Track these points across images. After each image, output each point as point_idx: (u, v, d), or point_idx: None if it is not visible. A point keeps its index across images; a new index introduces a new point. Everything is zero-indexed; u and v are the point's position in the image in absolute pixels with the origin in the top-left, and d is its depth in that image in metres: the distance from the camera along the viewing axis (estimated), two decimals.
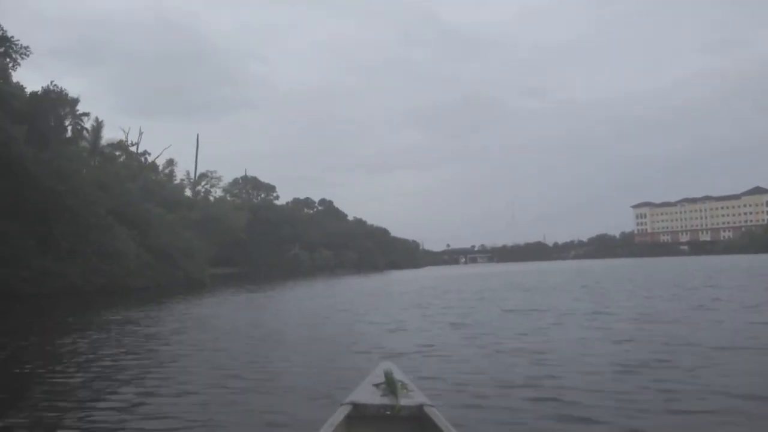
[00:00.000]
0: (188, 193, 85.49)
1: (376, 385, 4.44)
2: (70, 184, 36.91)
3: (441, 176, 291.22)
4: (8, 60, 43.87)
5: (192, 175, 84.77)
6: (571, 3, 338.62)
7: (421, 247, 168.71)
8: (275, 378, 8.56)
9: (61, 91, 48.78)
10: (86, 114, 56.86)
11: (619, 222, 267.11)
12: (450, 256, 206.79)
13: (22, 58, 44.70)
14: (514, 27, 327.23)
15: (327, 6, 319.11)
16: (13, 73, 44.67)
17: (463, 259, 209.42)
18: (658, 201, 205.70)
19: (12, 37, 44.26)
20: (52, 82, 44.48)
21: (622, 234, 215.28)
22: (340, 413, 4.01)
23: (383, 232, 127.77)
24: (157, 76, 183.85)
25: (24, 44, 44.57)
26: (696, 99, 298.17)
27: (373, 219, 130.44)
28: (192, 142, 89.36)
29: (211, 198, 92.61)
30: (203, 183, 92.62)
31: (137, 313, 21.18)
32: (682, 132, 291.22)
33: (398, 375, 4.56)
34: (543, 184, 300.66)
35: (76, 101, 55.87)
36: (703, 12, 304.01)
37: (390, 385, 4.32)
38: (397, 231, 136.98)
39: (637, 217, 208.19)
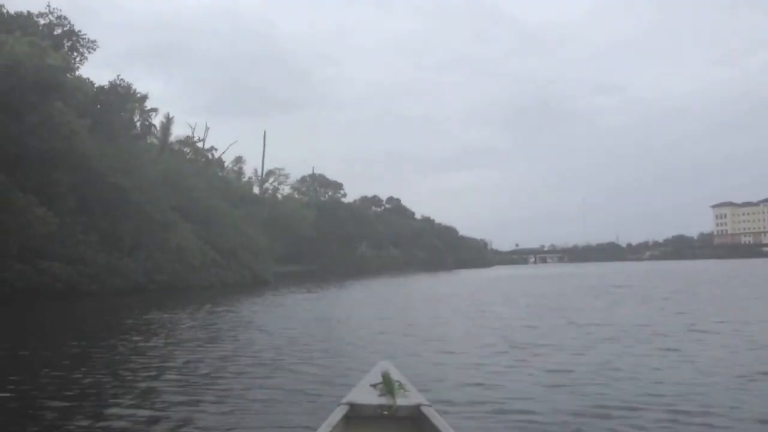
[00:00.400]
0: (256, 190, 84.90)
1: (374, 385, 4.37)
2: (135, 180, 35.93)
3: (510, 175, 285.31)
4: (75, 54, 43.50)
5: (259, 173, 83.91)
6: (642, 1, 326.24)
7: (489, 247, 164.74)
8: None
9: (129, 86, 48.27)
10: (155, 110, 56.50)
11: (697, 222, 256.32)
12: (519, 256, 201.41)
13: (89, 52, 44.39)
14: (585, 24, 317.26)
15: (396, 5, 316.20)
16: (81, 67, 44.42)
17: (533, 259, 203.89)
18: (739, 201, 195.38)
19: (79, 31, 44.00)
20: (118, 76, 43.87)
21: (700, 235, 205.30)
22: (338, 413, 3.98)
23: (451, 231, 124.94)
24: (230, 77, 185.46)
25: (91, 38, 44.29)
26: None
27: (441, 218, 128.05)
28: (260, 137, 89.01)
29: (279, 196, 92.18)
30: (271, 180, 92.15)
31: (197, 313, 19.48)
32: (764, 129, 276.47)
33: (396, 375, 4.50)
34: (615, 183, 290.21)
35: (144, 98, 55.55)
36: None
37: (387, 385, 4.26)
38: (465, 230, 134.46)
39: (716, 217, 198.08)
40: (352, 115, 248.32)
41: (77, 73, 43.50)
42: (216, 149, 65.63)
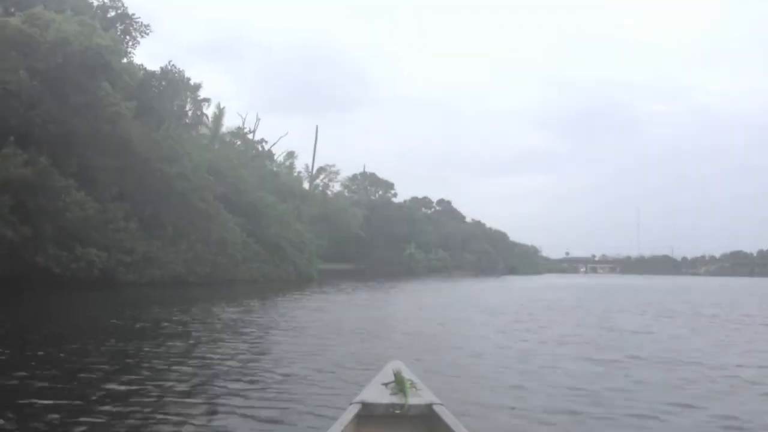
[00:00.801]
0: (306, 186, 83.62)
1: (386, 384, 4.33)
2: (181, 167, 34.46)
3: (564, 181, 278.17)
4: (127, 38, 42.39)
5: (310, 168, 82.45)
6: (708, 4, 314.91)
7: (539, 253, 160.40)
8: None
9: (181, 73, 47.08)
10: (207, 100, 55.24)
11: (758, 238, 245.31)
12: (569, 265, 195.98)
13: (142, 36, 43.20)
14: (648, 29, 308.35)
15: (452, 7, 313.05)
16: (133, 52, 43.30)
17: (583, 269, 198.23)
18: None
19: (133, 14, 42.85)
20: (170, 62, 42.58)
21: (760, 252, 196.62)
22: (350, 412, 3.92)
23: (502, 236, 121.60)
24: (287, 75, 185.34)
25: (144, 22, 43.13)
26: None
27: (491, 222, 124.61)
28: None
29: (329, 192, 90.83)
30: (322, 177, 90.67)
31: (233, 313, 17.59)
32: None
33: (407, 374, 4.45)
34: (672, 193, 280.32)
35: (198, 86, 54.38)
36: None
37: (399, 384, 4.22)
38: (515, 235, 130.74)
39: None
40: (407, 116, 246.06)
41: (130, 56, 42.42)
42: (266, 141, 64.27)
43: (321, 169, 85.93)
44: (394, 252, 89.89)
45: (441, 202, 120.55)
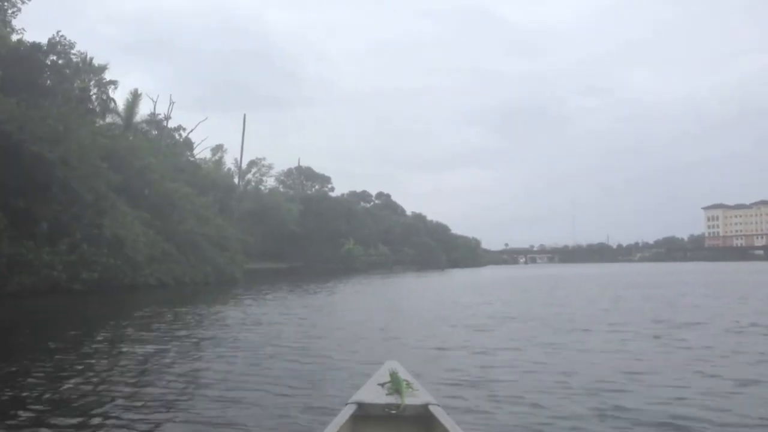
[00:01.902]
0: (236, 181, 76.78)
1: (382, 385, 4.19)
2: (64, 151, 27.74)
3: (499, 175, 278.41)
4: (5, 4, 35.29)
5: (239, 161, 75.40)
6: (633, 2, 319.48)
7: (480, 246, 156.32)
8: None
9: (81, 54, 40.32)
10: (113, 83, 48.22)
11: (688, 224, 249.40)
12: (509, 256, 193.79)
13: (23, 3, 36.08)
14: (574, 25, 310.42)
15: (383, 5, 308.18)
16: (13, 20, 36.09)
17: (523, 259, 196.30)
18: (731, 203, 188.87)
19: None
20: (58, 32, 35.58)
21: (691, 237, 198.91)
22: (345, 413, 3.82)
23: (443, 229, 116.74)
24: (218, 73, 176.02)
25: None
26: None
27: (430, 217, 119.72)
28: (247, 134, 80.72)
29: (263, 188, 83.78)
30: (253, 171, 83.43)
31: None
32: (754, 131, 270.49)
33: (404, 374, 4.33)
34: (605, 184, 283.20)
35: (102, 68, 47.43)
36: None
37: (395, 384, 4.10)
38: (454, 229, 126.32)
39: (708, 219, 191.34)
40: (341, 115, 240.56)
41: (10, 25, 35.33)
42: (184, 129, 56.59)
43: (252, 163, 78.63)
44: (332, 248, 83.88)
45: (380, 195, 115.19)
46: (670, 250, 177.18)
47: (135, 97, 52.11)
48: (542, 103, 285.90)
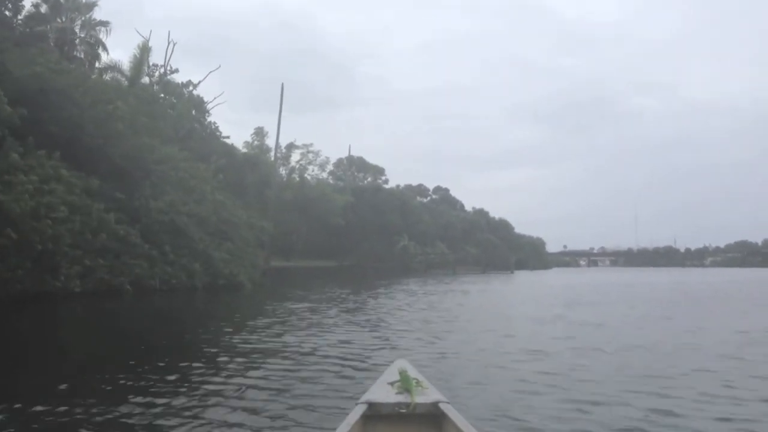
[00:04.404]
0: (283, 172, 63.59)
1: (391, 383, 4.03)
2: None
3: (556, 175, 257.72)
4: None
5: (277, 142, 61.58)
6: None
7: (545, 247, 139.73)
8: None
9: None
10: (105, 23, 35.45)
11: (760, 227, 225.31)
12: (571, 258, 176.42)
13: None
14: (631, 22, 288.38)
15: (435, 4, 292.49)
16: None
17: (584, 262, 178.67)
18: None
19: None
20: None
21: (765, 241, 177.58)
22: (356, 412, 3.64)
23: (507, 227, 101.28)
24: (271, 74, 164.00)
25: None
26: None
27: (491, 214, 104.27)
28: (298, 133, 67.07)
29: (308, 177, 70.27)
30: (298, 159, 69.38)
31: None
32: None
33: (413, 372, 4.16)
34: (670, 185, 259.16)
35: (91, 5, 34.78)
36: None
37: (405, 383, 3.92)
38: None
39: None
40: (394, 114, 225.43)
41: None
42: (194, 84, 41.70)
43: (291, 146, 64.47)
44: (385, 245, 70.22)
45: (438, 189, 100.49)
46: (747, 255, 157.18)
47: (144, 52, 39.10)
48: (599, 98, 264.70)
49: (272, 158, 59.14)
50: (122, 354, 9.20)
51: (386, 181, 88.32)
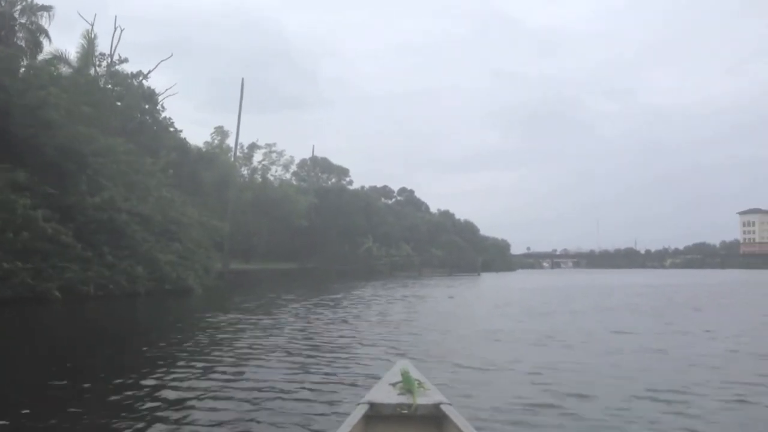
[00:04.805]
0: (245, 172, 61.11)
1: (393, 384, 3.92)
2: None
3: (517, 177, 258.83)
4: None
5: (240, 144, 59.31)
6: (653, 4, 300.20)
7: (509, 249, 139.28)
8: None
9: None
10: (48, 8, 32.89)
11: (720, 230, 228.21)
12: (535, 260, 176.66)
13: None
14: (592, 26, 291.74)
15: (401, 6, 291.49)
16: None
17: (547, 264, 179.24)
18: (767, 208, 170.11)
19: None
20: None
21: (723, 243, 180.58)
22: (358, 413, 3.57)
23: (472, 229, 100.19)
24: (233, 73, 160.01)
25: None
26: None
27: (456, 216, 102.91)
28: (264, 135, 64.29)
29: (271, 177, 67.69)
30: (262, 160, 66.66)
31: None
32: None
33: (415, 374, 4.00)
34: (629, 188, 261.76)
35: None
36: None
37: (407, 384, 3.81)
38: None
39: (744, 224, 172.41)
40: (360, 116, 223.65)
41: None
42: (145, 76, 37.71)
43: (254, 146, 61.96)
44: (349, 247, 68.40)
45: (403, 191, 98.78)
46: (706, 256, 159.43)
47: (90, 43, 36.47)
48: (563, 105, 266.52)
49: (232, 157, 56.73)
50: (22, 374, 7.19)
51: (351, 182, 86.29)
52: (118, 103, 31.89)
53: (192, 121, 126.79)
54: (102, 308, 17.47)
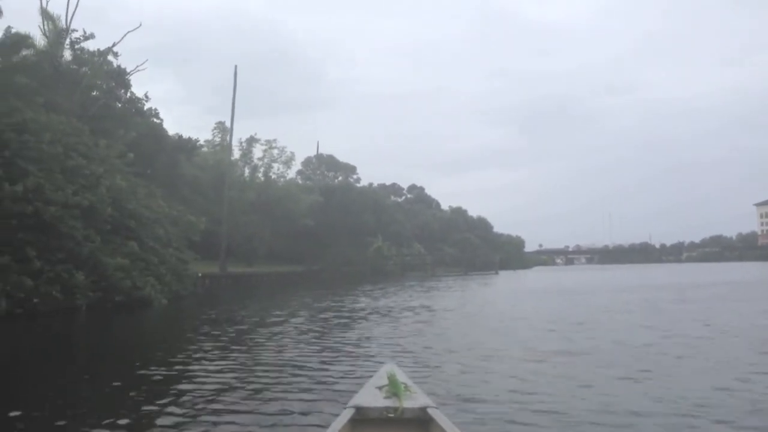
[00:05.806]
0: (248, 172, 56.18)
1: (380, 388, 3.82)
2: None
3: (525, 175, 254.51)
4: None
5: (238, 138, 54.41)
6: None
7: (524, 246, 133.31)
8: None
9: None
10: None
11: (736, 222, 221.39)
12: (548, 257, 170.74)
13: None
14: (591, 24, 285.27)
15: (403, 7, 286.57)
16: None
17: (560, 260, 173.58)
18: None
19: None
20: None
21: (739, 235, 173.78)
22: (344, 417, 3.48)
23: (486, 226, 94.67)
24: (239, 78, 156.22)
25: None
26: None
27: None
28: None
29: (273, 175, 62.52)
30: (262, 157, 61.44)
31: None
32: None
33: (401, 377, 3.92)
34: (642, 182, 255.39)
35: None
36: None
37: (393, 387, 3.72)
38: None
39: (761, 216, 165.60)
40: (362, 117, 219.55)
41: None
42: (112, 50, 32.67)
43: (252, 140, 56.65)
44: (357, 247, 63.12)
45: (413, 188, 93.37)
46: (723, 249, 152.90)
47: (57, 32, 31.11)
48: (565, 102, 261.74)
49: (230, 152, 51.76)
50: None
51: (358, 180, 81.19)
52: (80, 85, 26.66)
53: (194, 127, 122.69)
54: (14, 330, 12.50)
